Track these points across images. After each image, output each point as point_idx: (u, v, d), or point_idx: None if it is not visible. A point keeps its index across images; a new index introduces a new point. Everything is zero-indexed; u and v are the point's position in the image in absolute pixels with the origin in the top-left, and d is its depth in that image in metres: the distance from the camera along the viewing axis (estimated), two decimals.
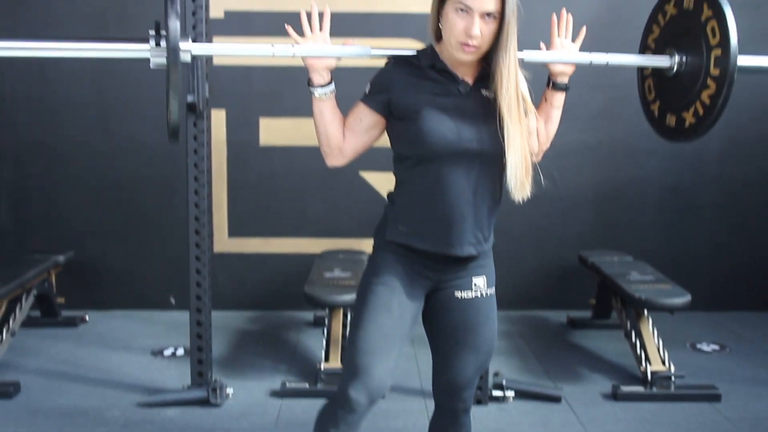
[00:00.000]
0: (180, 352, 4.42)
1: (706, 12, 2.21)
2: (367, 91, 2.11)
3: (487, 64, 2.05)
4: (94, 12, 4.93)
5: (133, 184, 5.14)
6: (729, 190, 5.31)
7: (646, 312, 4.13)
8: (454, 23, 1.95)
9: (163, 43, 1.99)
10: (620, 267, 4.58)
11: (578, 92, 4.78)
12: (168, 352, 4.42)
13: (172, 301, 5.22)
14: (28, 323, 4.67)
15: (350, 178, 5.06)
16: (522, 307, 5.27)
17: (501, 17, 1.95)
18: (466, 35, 1.95)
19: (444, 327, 2.20)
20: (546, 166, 2.06)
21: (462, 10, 1.93)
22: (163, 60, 2.00)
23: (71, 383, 3.93)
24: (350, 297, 3.92)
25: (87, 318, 4.98)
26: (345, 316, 4.18)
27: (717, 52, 2.18)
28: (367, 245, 2.21)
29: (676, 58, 2.33)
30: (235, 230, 5.24)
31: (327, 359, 3.94)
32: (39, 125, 5.11)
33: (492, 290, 2.23)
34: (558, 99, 2.22)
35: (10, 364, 4.12)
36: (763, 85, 5.19)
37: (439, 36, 2.07)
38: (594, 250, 5.04)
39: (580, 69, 2.24)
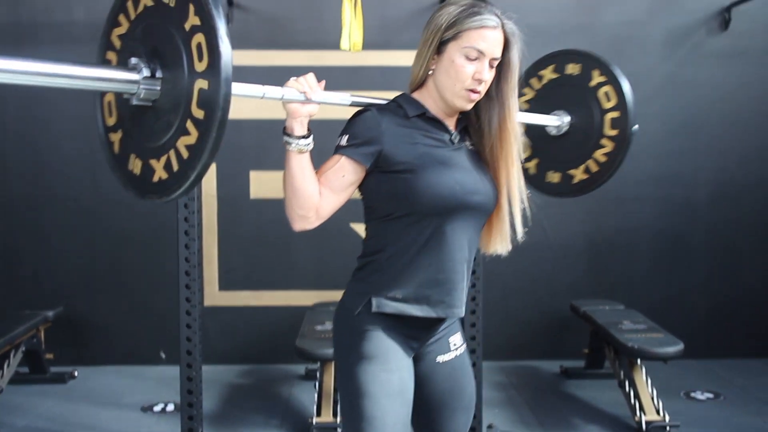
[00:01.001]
0: (170, 407, 4.36)
1: (597, 78, 2.41)
2: (344, 142, 1.87)
3: (463, 114, 1.99)
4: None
5: (123, 239, 5.13)
6: (719, 236, 5.34)
7: (639, 361, 4.11)
8: (462, 69, 1.84)
9: (159, 73, 1.54)
10: (612, 316, 4.57)
11: None
12: (158, 407, 4.37)
13: (163, 355, 5.18)
14: (16, 380, 4.61)
15: (340, 230, 5.06)
16: (514, 358, 5.25)
17: (500, 63, 1.90)
18: (474, 81, 1.85)
19: (429, 396, 2.01)
20: (536, 216, 2.06)
21: (470, 55, 1.84)
22: (155, 95, 1.56)
23: None
24: None
25: (76, 374, 4.93)
26: (336, 369, 4.15)
27: (614, 114, 2.38)
28: None
29: (568, 118, 2.46)
30: (226, 283, 5.22)
31: (319, 413, 3.90)
32: (29, 181, 5.12)
33: (465, 343, 2.10)
34: None
35: None
36: (748, 132, 5.27)
37: (420, 84, 1.96)
38: (586, 299, 5.04)
39: None
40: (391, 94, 1.98)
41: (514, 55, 1.90)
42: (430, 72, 1.92)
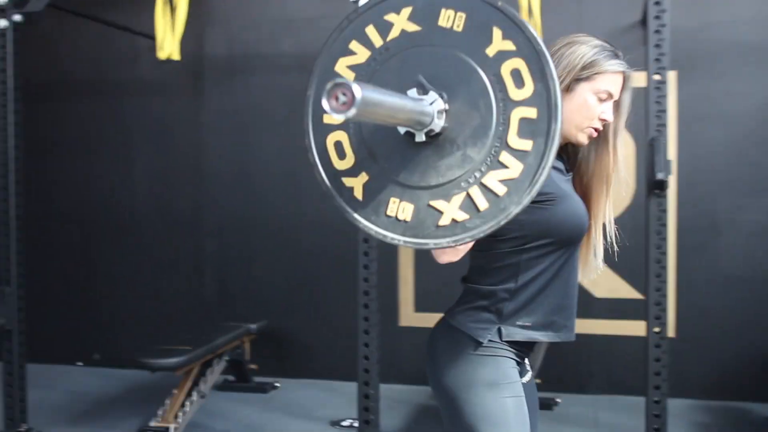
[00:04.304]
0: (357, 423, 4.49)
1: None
2: None
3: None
4: None
5: (323, 260, 5.37)
6: None
7: None
8: (593, 108, 1.88)
9: (445, 105, 1.46)
10: None
11: None
12: (346, 423, 4.51)
13: None
14: (224, 387, 4.99)
15: None
16: (723, 398, 4.85)
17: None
18: (599, 120, 1.89)
19: None
20: (745, 247, 1.91)
21: (602, 96, 1.88)
22: (440, 128, 1.46)
23: None
24: None
25: (278, 385, 5.20)
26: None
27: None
28: None
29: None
30: (421, 305, 5.29)
31: None
32: (240, 202, 5.55)
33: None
34: None
35: (199, 425, 4.39)
36: None
37: None
38: None
39: None
40: None
41: (627, 96, 1.94)
42: None
